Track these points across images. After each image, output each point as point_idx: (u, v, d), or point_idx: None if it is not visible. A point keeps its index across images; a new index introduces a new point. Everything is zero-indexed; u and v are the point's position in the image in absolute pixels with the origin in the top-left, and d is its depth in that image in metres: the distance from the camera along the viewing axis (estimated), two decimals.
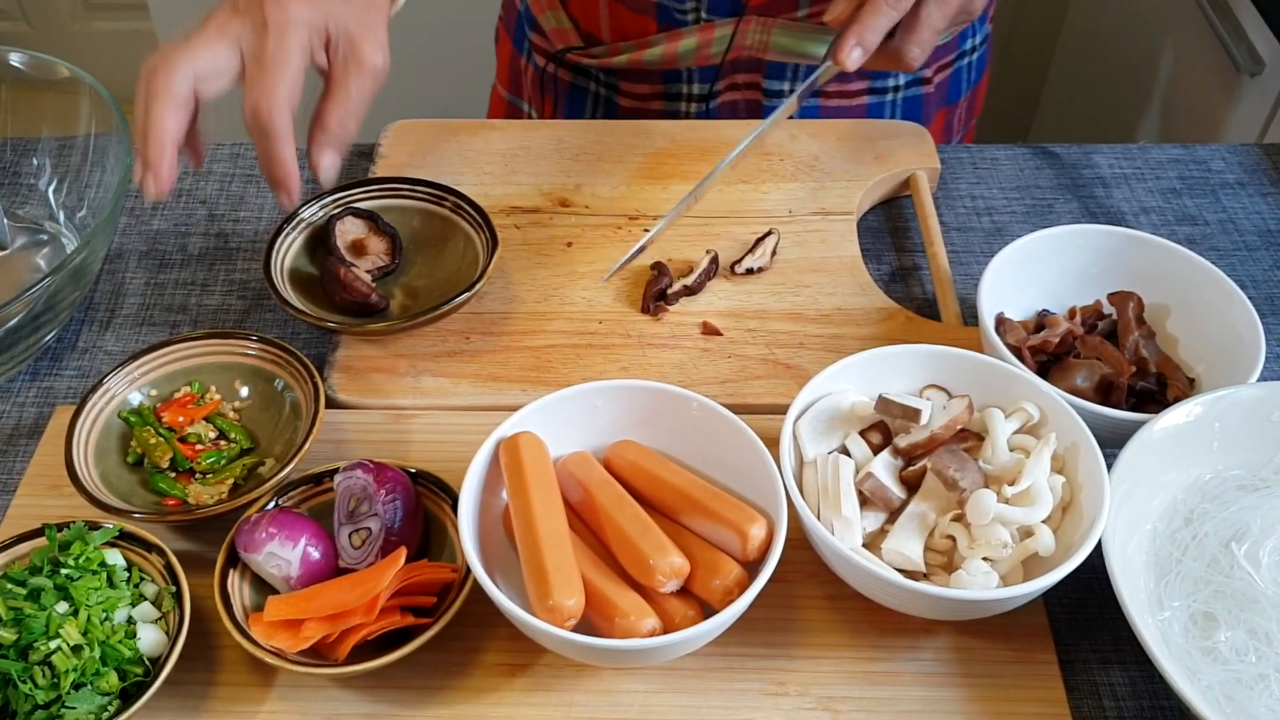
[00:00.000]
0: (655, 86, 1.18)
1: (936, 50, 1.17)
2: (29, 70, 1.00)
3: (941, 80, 1.19)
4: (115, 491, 0.79)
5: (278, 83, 0.74)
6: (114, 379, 0.83)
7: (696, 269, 0.94)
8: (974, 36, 1.20)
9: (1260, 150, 1.12)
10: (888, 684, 0.72)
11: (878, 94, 1.17)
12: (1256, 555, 0.71)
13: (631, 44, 1.15)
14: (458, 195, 0.96)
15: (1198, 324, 0.86)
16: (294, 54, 0.75)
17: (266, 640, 0.69)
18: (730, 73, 1.15)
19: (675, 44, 1.13)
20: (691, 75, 1.16)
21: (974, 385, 0.79)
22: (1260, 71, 1.48)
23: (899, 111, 1.19)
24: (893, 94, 1.18)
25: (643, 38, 1.14)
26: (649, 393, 0.78)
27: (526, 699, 0.71)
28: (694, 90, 1.18)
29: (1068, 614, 0.77)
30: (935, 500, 0.73)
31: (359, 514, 0.75)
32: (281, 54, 0.74)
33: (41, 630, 0.67)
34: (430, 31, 2.26)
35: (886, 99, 1.18)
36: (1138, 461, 0.74)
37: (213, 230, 1.03)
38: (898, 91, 1.18)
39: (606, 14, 1.16)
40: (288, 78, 0.74)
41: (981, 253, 1.01)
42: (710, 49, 1.12)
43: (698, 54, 1.13)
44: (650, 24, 1.14)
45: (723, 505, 0.72)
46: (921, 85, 1.18)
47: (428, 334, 0.91)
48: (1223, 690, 0.67)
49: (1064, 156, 1.11)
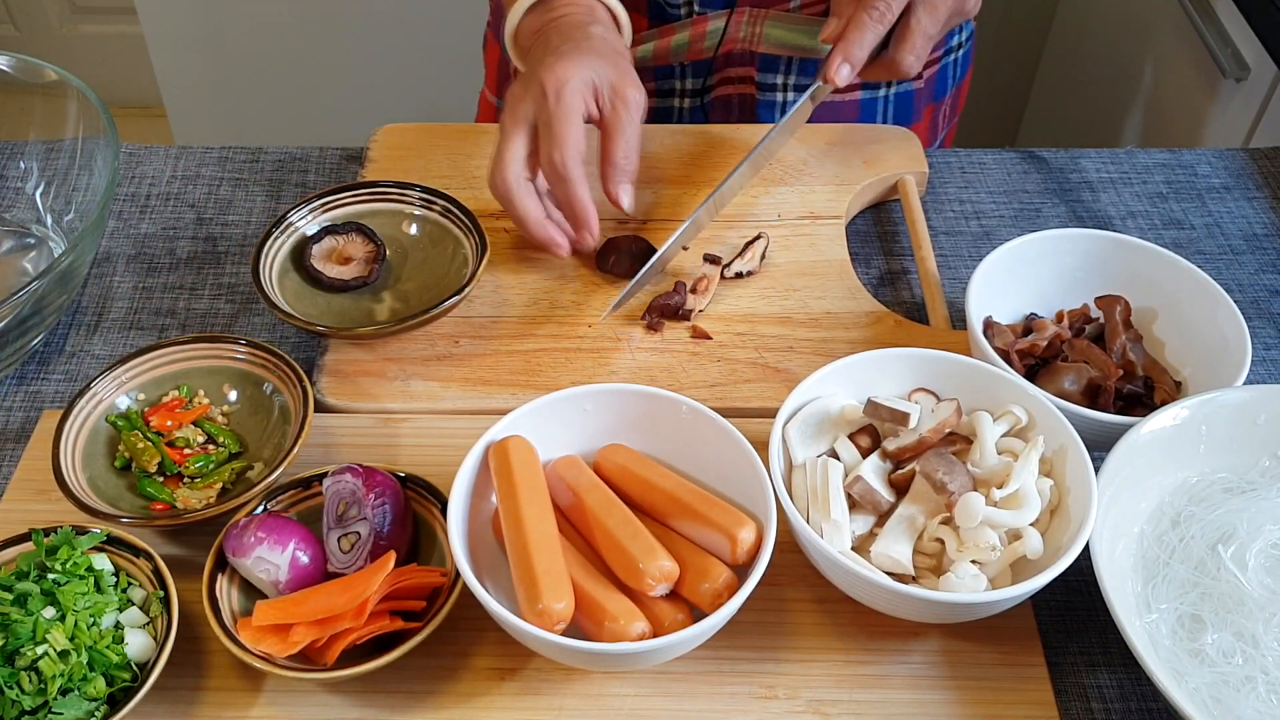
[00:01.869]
0: (648, 83, 1.18)
1: None
2: (16, 73, 1.00)
3: (930, 76, 1.20)
4: (103, 496, 0.78)
5: (566, 136, 0.87)
6: (101, 383, 0.83)
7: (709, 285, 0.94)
8: (960, 34, 1.21)
9: (1246, 155, 1.13)
10: (877, 687, 0.72)
11: (871, 90, 1.18)
12: (1243, 558, 0.71)
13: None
14: (447, 199, 0.96)
15: (1184, 327, 0.87)
16: (574, 110, 0.87)
17: (255, 645, 0.69)
18: (724, 67, 1.16)
19: (668, 40, 1.13)
20: (685, 71, 1.17)
21: (962, 389, 0.79)
22: (1245, 76, 1.49)
23: (891, 107, 1.19)
24: (885, 89, 1.18)
25: (635, 34, 1.15)
26: (638, 396, 0.78)
27: (516, 703, 0.71)
28: (687, 86, 1.18)
29: (1056, 616, 0.77)
30: (924, 503, 0.74)
31: (348, 518, 0.75)
32: (563, 112, 0.87)
33: (28, 635, 0.67)
34: (418, 37, 2.26)
35: (880, 94, 1.18)
36: (1125, 464, 0.75)
37: (201, 234, 1.03)
38: (890, 88, 1.18)
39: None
40: (573, 131, 0.87)
41: (970, 257, 1.02)
42: (703, 43, 1.13)
43: (690, 49, 1.13)
44: (641, 20, 1.14)
45: (712, 509, 0.72)
46: (913, 82, 1.19)
47: (417, 338, 0.91)
48: (1210, 692, 0.67)
49: (1051, 161, 1.11)
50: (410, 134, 1.09)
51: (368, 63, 2.30)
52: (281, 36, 2.27)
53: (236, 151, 1.11)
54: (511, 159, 0.89)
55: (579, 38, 0.91)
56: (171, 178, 1.08)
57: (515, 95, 0.90)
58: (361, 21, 2.24)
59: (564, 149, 0.87)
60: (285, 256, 0.94)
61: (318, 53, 2.29)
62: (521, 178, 0.89)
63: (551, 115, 0.87)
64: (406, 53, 2.29)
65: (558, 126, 0.87)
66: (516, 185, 0.89)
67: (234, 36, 2.27)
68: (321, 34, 2.26)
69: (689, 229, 0.95)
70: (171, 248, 1.02)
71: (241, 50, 2.30)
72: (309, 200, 0.95)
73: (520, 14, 0.96)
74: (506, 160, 0.89)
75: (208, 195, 1.07)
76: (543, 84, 0.87)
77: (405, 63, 2.30)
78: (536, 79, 0.88)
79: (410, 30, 2.25)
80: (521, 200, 0.90)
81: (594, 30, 0.93)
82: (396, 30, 2.25)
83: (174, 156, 1.11)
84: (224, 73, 2.34)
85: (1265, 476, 0.77)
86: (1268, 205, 1.07)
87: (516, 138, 0.89)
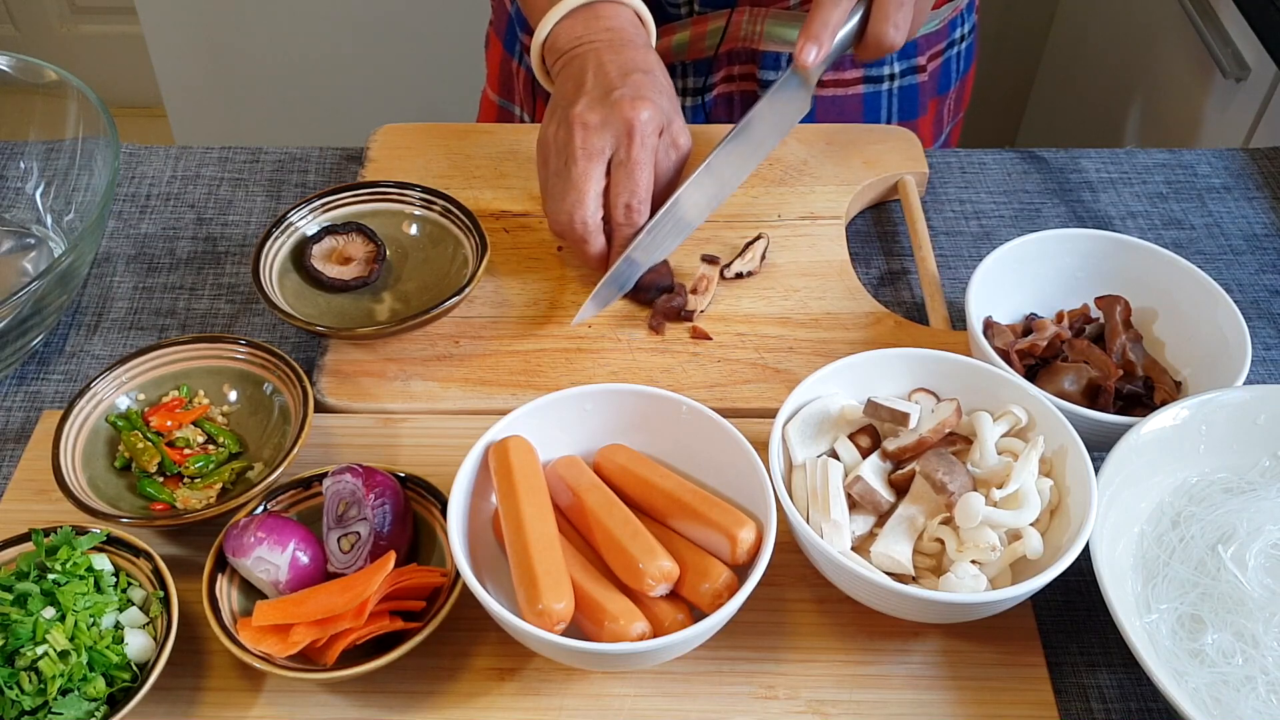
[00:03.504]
0: None
1: (928, 38, 1.17)
2: (16, 73, 1.00)
3: (934, 69, 1.20)
4: (103, 496, 0.78)
5: (644, 183, 0.88)
6: (101, 383, 0.83)
7: (709, 285, 0.93)
8: (962, 25, 1.21)
9: (1246, 155, 1.13)
10: (877, 687, 0.72)
11: (873, 83, 1.17)
12: (1243, 558, 0.71)
13: None
14: (447, 199, 0.96)
15: (1184, 328, 0.87)
16: (653, 155, 0.89)
17: (255, 645, 0.69)
18: (725, 65, 1.16)
19: (669, 39, 1.13)
20: (686, 69, 1.17)
21: (962, 389, 0.79)
22: (1245, 76, 1.49)
23: (895, 100, 1.19)
24: (889, 82, 1.18)
25: None
26: (638, 397, 0.78)
27: (516, 703, 0.71)
28: (689, 84, 1.18)
29: (1056, 617, 0.77)
30: (924, 503, 0.74)
31: (348, 518, 0.75)
32: (645, 157, 0.88)
33: (28, 635, 0.67)
34: (418, 37, 2.26)
35: (883, 87, 1.18)
36: (1125, 464, 0.75)
37: (201, 234, 1.03)
38: (893, 80, 1.18)
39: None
40: (650, 177, 0.89)
41: (970, 257, 1.02)
42: (704, 42, 1.13)
43: (691, 47, 1.13)
44: None
45: (712, 509, 0.72)
46: (917, 74, 1.18)
47: (417, 338, 0.91)
48: (1210, 692, 0.67)
49: (1051, 161, 1.11)
50: (410, 134, 1.09)
51: (368, 63, 2.30)
52: (281, 36, 2.27)
53: (236, 151, 1.11)
54: (591, 199, 0.88)
55: (643, 66, 0.90)
56: (171, 178, 1.08)
57: (591, 126, 0.88)
58: (361, 21, 2.24)
59: (641, 196, 0.88)
60: (285, 256, 0.94)
61: (318, 53, 2.29)
62: (599, 219, 0.89)
63: (634, 159, 0.87)
64: (406, 53, 2.29)
65: (639, 173, 0.87)
66: (596, 229, 0.89)
67: (234, 36, 2.28)
68: (321, 34, 2.26)
69: (648, 240, 0.91)
70: (171, 248, 1.02)
71: (241, 50, 2.30)
72: (309, 200, 0.95)
73: (559, 17, 0.93)
74: (588, 201, 0.88)
75: (208, 195, 1.07)
76: (629, 123, 0.87)
77: (405, 63, 2.30)
78: (620, 115, 0.87)
79: (410, 30, 2.25)
80: (596, 241, 0.90)
81: (652, 59, 0.92)
82: (396, 30, 2.25)
83: (174, 156, 1.11)
84: (224, 73, 2.34)
85: (1265, 476, 0.77)
86: (1268, 205, 1.07)
87: (595, 173, 0.88)
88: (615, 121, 0.87)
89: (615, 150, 0.88)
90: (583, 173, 0.87)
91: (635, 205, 0.88)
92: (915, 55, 1.17)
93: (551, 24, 0.94)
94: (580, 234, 0.89)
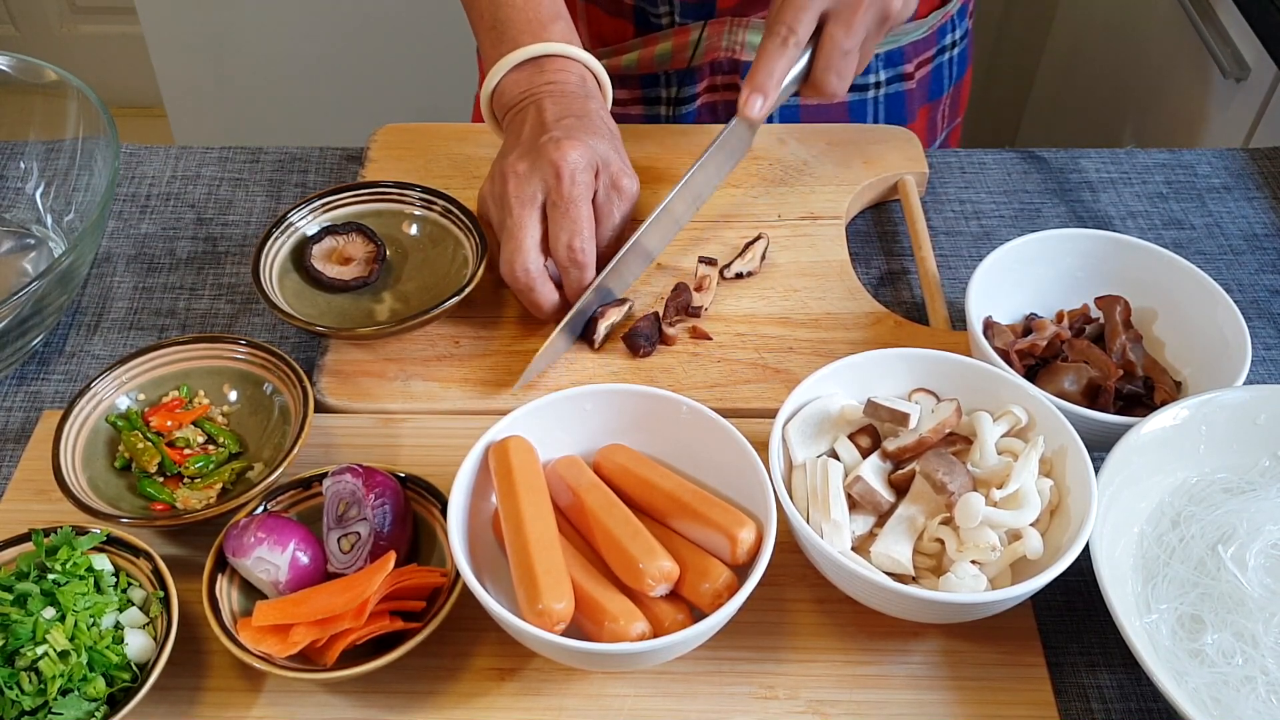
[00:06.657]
0: (634, 91, 1.18)
1: (916, 46, 1.17)
2: (16, 73, 1.00)
3: (923, 76, 1.20)
4: (103, 496, 0.78)
5: (582, 222, 0.87)
6: (101, 383, 0.83)
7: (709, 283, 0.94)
8: (954, 32, 1.20)
9: (1246, 155, 1.13)
10: (877, 687, 0.72)
11: (858, 91, 1.17)
12: (1243, 558, 0.71)
13: (610, 49, 1.15)
14: (447, 199, 0.96)
15: (1184, 328, 0.87)
16: (588, 193, 0.88)
17: (255, 645, 0.69)
18: (708, 74, 1.16)
19: (651, 49, 1.13)
20: (670, 79, 1.17)
21: (962, 389, 0.79)
22: (1245, 76, 1.49)
23: (881, 109, 1.19)
24: (874, 90, 1.18)
25: (620, 42, 1.15)
26: (638, 397, 0.78)
27: (516, 703, 0.71)
28: (672, 94, 1.18)
29: (1056, 617, 0.77)
30: (924, 503, 0.74)
31: (348, 518, 0.75)
32: (578, 195, 0.87)
33: (28, 635, 0.67)
34: (418, 37, 2.26)
35: (868, 96, 1.18)
36: (1125, 464, 0.75)
37: (201, 234, 1.03)
38: (879, 89, 1.18)
39: (584, 19, 1.16)
40: (588, 215, 0.88)
41: (970, 257, 1.02)
42: (686, 52, 1.13)
43: (674, 57, 1.13)
44: (628, 28, 1.14)
45: (712, 509, 0.72)
46: (904, 82, 1.18)
47: (417, 338, 0.91)
48: (1210, 692, 0.67)
49: (1051, 161, 1.11)
50: (410, 134, 1.09)
51: (368, 63, 2.30)
52: (281, 36, 2.27)
53: (236, 151, 1.11)
54: (530, 246, 0.87)
55: (578, 112, 0.90)
56: (171, 178, 1.08)
57: (520, 174, 0.87)
58: (361, 21, 2.24)
59: (582, 236, 0.86)
60: (285, 256, 0.94)
61: (318, 53, 2.29)
62: (541, 265, 0.87)
63: (566, 199, 0.86)
64: (406, 53, 2.29)
65: (574, 212, 0.86)
66: (540, 275, 0.87)
67: (234, 36, 2.28)
68: (321, 34, 2.26)
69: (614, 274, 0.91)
70: (171, 248, 1.02)
71: (241, 50, 2.30)
72: (309, 200, 0.95)
73: (505, 70, 0.93)
74: (526, 249, 0.87)
75: (208, 195, 1.07)
76: (555, 165, 0.86)
77: (405, 63, 2.30)
78: (546, 158, 0.86)
79: (410, 30, 2.25)
80: (543, 290, 0.88)
81: (591, 106, 0.92)
82: (396, 30, 2.25)
83: (174, 156, 1.11)
84: (224, 73, 2.34)
85: (1265, 476, 0.77)
86: (1268, 205, 1.07)
87: (531, 222, 0.87)
88: (542, 165, 0.87)
89: (547, 194, 0.87)
90: (517, 221, 0.87)
91: (578, 245, 0.86)
92: (902, 63, 1.17)
93: (499, 77, 0.94)
94: (525, 283, 0.87)
